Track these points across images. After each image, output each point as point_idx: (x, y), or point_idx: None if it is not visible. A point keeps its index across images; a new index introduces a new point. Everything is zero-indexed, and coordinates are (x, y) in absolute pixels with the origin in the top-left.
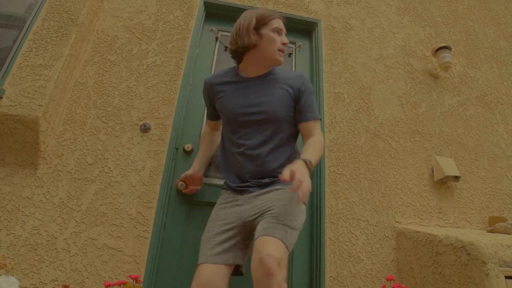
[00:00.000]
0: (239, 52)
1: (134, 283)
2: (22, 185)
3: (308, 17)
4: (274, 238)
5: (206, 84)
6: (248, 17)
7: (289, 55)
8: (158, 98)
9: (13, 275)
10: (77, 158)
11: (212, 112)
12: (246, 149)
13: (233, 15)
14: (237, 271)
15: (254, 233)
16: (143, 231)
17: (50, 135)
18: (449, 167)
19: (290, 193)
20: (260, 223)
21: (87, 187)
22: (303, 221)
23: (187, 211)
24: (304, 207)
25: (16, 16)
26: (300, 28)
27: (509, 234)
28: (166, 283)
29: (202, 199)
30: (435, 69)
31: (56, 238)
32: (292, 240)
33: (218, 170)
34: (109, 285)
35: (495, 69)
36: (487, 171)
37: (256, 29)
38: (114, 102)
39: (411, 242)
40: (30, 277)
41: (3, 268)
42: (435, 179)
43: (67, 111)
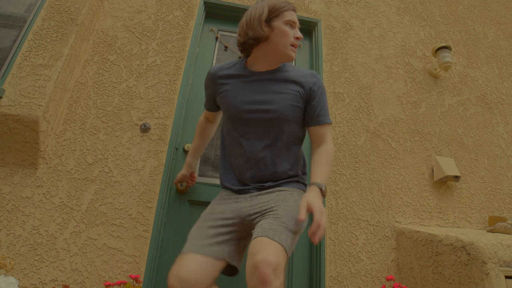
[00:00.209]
0: (249, 45)
1: (134, 283)
2: (22, 185)
3: (308, 17)
4: (273, 241)
5: (210, 75)
6: (260, 8)
7: None
8: (158, 98)
9: (13, 275)
10: (77, 158)
11: (211, 104)
12: (249, 151)
13: (233, 15)
14: (229, 271)
15: (252, 233)
16: (143, 231)
17: (50, 135)
18: (449, 167)
19: (295, 197)
20: (260, 223)
21: (87, 187)
22: (305, 226)
23: (187, 211)
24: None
25: (16, 16)
26: (300, 28)
27: (509, 234)
28: (166, 283)
29: (202, 199)
30: (435, 69)
31: (56, 238)
32: (292, 245)
33: (217, 169)
34: (109, 285)
35: (495, 69)
36: (487, 171)
37: (268, 21)
38: (114, 102)
39: (411, 242)
40: (30, 277)
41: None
42: (435, 179)
43: (67, 111)
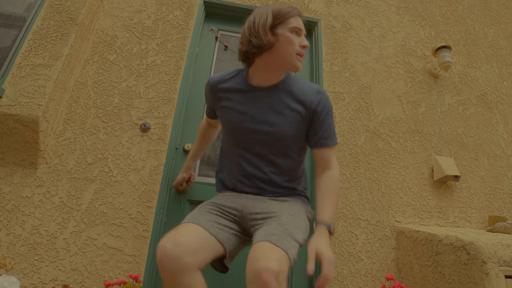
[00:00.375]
0: (251, 54)
1: (134, 283)
2: (22, 185)
3: (308, 17)
4: (276, 247)
5: (210, 86)
6: (263, 14)
7: None
8: (158, 98)
9: (13, 275)
10: (77, 158)
11: (211, 113)
12: (249, 168)
13: (233, 15)
14: (220, 266)
15: (253, 237)
16: (143, 231)
17: (50, 135)
18: (449, 167)
19: (299, 206)
20: (263, 228)
21: (87, 187)
22: (306, 238)
23: (188, 211)
24: (309, 224)
25: (16, 16)
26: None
27: (509, 234)
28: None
29: (202, 198)
30: (435, 69)
31: (56, 238)
32: (295, 255)
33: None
34: (109, 285)
35: (495, 69)
36: (487, 171)
37: (272, 28)
38: (114, 102)
39: (411, 242)
40: (30, 277)
41: (3, 268)
42: (435, 179)
43: (67, 111)
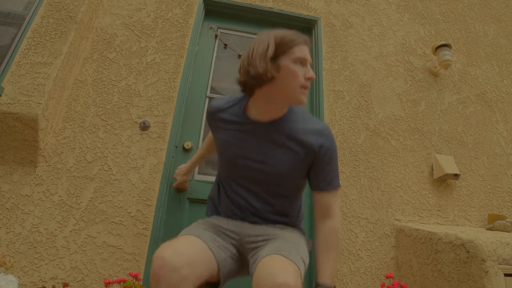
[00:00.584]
0: (250, 86)
1: (134, 281)
2: (22, 183)
3: (308, 15)
4: (290, 261)
5: (208, 113)
6: (264, 41)
7: None
8: (158, 96)
9: (13, 273)
10: (77, 156)
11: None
12: (243, 202)
13: (233, 13)
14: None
15: (255, 257)
16: (143, 229)
17: (50, 133)
18: (449, 165)
19: (297, 233)
20: (269, 245)
21: (87, 185)
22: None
23: (187, 209)
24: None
25: (15, 14)
26: (300, 26)
27: (508, 232)
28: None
29: (202, 197)
30: (435, 67)
31: (56, 236)
32: (303, 276)
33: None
34: (109, 283)
35: (495, 67)
36: (487, 169)
37: (274, 58)
38: (114, 100)
39: (411, 240)
40: (30, 275)
41: (3, 266)
42: (435, 177)
43: (66, 109)
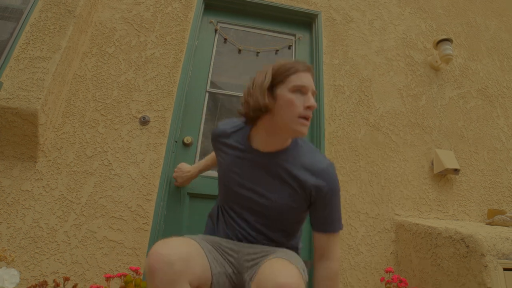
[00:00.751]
0: (251, 117)
1: (135, 275)
2: (22, 178)
3: (308, 9)
4: (292, 265)
5: (212, 135)
6: (263, 72)
7: (289, 47)
8: (157, 91)
9: (14, 268)
10: (76, 151)
11: None
12: (239, 229)
13: (233, 7)
14: None
15: (255, 267)
16: (143, 224)
17: (49, 128)
18: (449, 160)
19: (297, 255)
20: (270, 256)
21: (87, 180)
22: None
23: (187, 204)
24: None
25: (13, 8)
26: (300, 20)
27: (508, 227)
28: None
29: (202, 192)
30: (436, 62)
31: (57, 231)
32: (305, 282)
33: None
34: (110, 277)
35: (497, 62)
36: (487, 164)
37: (271, 88)
38: (113, 95)
39: (410, 235)
40: (31, 269)
41: (3, 260)
42: (435, 172)
43: (66, 104)
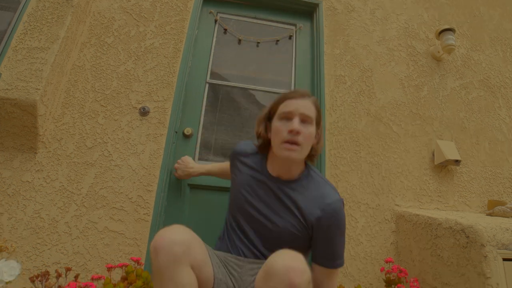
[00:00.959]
0: (260, 146)
1: (136, 265)
2: (22, 169)
3: None
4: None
5: (232, 153)
6: (267, 106)
7: (290, 38)
8: (157, 81)
9: (16, 258)
10: (76, 142)
11: None
12: (246, 248)
13: None
14: None
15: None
16: (144, 214)
17: (49, 119)
18: (450, 151)
19: None
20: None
21: (87, 171)
22: None
23: (188, 194)
24: None
25: None
26: (301, 10)
27: (508, 218)
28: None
29: (202, 183)
30: (438, 52)
31: (58, 222)
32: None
33: (218, 154)
34: (111, 267)
35: (499, 52)
36: (488, 155)
37: (267, 120)
38: (113, 85)
39: (411, 225)
40: (33, 260)
41: (5, 251)
42: (436, 163)
43: (65, 95)
